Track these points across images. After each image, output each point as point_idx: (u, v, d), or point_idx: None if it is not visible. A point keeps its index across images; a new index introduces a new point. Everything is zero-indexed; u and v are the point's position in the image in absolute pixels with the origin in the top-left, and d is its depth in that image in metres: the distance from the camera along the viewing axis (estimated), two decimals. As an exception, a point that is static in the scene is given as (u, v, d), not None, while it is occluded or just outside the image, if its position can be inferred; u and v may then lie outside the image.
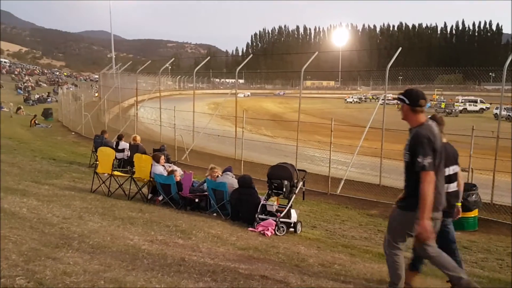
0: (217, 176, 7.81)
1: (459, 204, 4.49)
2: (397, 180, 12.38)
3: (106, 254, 4.17)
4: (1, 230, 4.58)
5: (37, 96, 51.37)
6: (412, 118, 3.64)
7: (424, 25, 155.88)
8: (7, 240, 4.20)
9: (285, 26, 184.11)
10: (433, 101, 53.58)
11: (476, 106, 46.72)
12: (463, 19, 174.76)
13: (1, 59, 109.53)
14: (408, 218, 3.56)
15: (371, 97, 66.75)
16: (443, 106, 45.90)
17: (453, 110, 43.59)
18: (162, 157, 8.89)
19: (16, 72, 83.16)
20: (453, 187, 4.29)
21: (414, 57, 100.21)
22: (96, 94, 39.40)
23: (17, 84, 63.80)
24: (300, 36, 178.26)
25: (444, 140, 4.15)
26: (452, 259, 3.78)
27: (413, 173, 3.53)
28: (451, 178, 4.24)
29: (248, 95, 68.41)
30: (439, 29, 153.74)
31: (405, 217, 3.63)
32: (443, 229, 4.12)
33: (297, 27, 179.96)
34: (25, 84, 65.49)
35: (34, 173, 10.40)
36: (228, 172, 7.88)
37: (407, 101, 3.62)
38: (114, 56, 52.20)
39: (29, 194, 7.10)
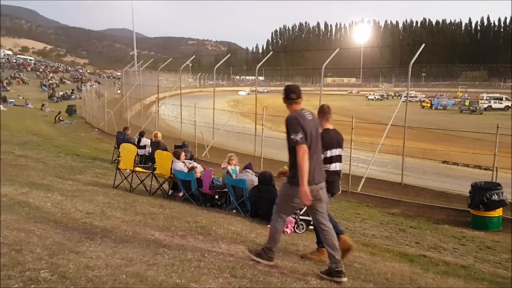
0: (235, 165, 7.96)
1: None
2: (419, 178, 12.22)
3: (127, 249, 4.23)
4: (27, 224, 4.69)
5: (61, 93, 52.46)
6: (288, 108, 4.31)
7: (448, 21, 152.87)
8: (32, 234, 4.30)
9: (305, 22, 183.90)
10: (457, 99, 52.47)
11: (501, 103, 45.47)
12: (488, 15, 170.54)
13: (27, 57, 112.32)
14: (290, 191, 4.11)
15: (393, 94, 65.80)
16: (467, 103, 44.82)
17: (478, 108, 42.52)
18: (183, 153, 8.96)
19: (41, 70, 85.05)
20: (334, 167, 4.89)
21: (437, 54, 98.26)
22: (119, 91, 40.00)
23: (42, 81, 65.23)
24: (321, 33, 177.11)
25: (331, 127, 4.96)
26: (279, 236, 4.36)
27: (291, 150, 4.07)
28: (333, 159, 4.86)
29: (266, 91, 68.00)
30: (463, 25, 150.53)
31: (287, 190, 4.18)
32: None
33: (318, 24, 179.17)
34: (50, 81, 66.92)
35: (58, 168, 10.62)
36: (248, 169, 7.90)
37: (283, 95, 4.29)
38: (136, 54, 52.90)
39: (53, 189, 7.25)
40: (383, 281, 4.28)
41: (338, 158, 4.95)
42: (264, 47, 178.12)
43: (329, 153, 4.81)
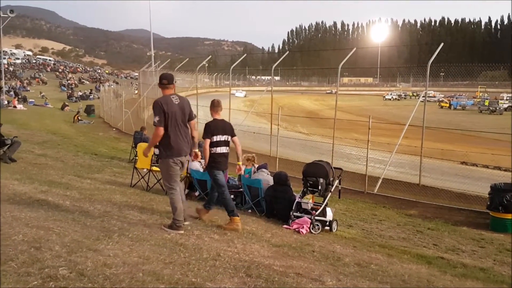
0: (252, 165, 7.95)
1: (240, 163, 6.19)
2: (437, 179, 12.05)
3: (144, 247, 4.27)
4: (46, 222, 4.78)
5: (80, 93, 53.28)
6: (162, 92, 5.24)
7: (467, 20, 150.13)
8: (51, 232, 4.38)
9: (322, 22, 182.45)
10: (476, 99, 51.61)
11: (522, 103, 44.54)
12: (508, 14, 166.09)
13: (47, 57, 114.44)
14: (163, 164, 5.19)
15: (411, 94, 65.02)
16: (486, 103, 44.05)
17: (498, 108, 41.76)
18: (199, 153, 8.98)
19: (60, 70, 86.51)
20: (220, 150, 5.87)
21: (456, 53, 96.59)
22: (136, 92, 40.38)
23: (61, 82, 66.34)
24: (338, 32, 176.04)
25: (219, 117, 6.03)
26: (178, 204, 5.13)
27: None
28: (218, 143, 5.86)
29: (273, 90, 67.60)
30: (483, 24, 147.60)
31: (162, 164, 5.25)
32: (214, 177, 5.90)
33: (335, 23, 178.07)
34: (69, 81, 68.02)
35: (77, 167, 10.79)
36: (264, 169, 7.89)
37: (156, 82, 5.34)
38: (153, 54, 53.26)
39: (72, 188, 7.36)
40: (400, 283, 4.23)
41: (223, 143, 5.92)
42: (280, 47, 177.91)
43: (215, 138, 5.83)
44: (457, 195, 10.66)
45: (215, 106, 6.05)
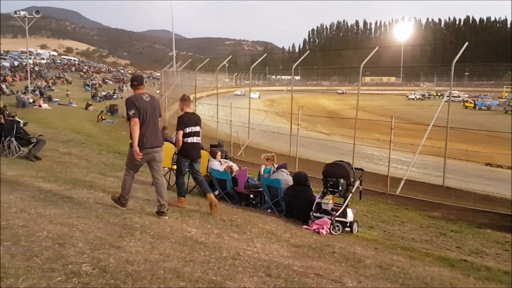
0: (272, 164, 7.95)
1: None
2: (461, 181, 11.80)
3: (165, 245, 4.32)
4: (70, 219, 4.88)
5: (103, 93, 54.17)
6: (134, 92, 5.81)
7: (492, 19, 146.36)
8: (74, 229, 4.46)
9: (344, 21, 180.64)
10: (502, 99, 50.28)
11: (549, 104, 43.09)
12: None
13: (71, 57, 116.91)
14: (130, 152, 5.76)
15: (435, 94, 63.82)
16: (512, 104, 42.78)
17: (524, 108, 40.49)
18: (219, 152, 9.04)
19: (84, 70, 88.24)
20: (191, 140, 6.55)
21: (481, 52, 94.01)
22: (158, 91, 40.83)
23: (85, 81, 67.64)
24: (360, 31, 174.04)
25: (190, 110, 6.78)
26: (128, 186, 5.82)
27: (130, 123, 5.57)
28: (190, 134, 6.53)
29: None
30: (508, 23, 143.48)
31: (129, 152, 5.81)
32: (179, 164, 6.72)
33: (357, 22, 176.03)
34: (93, 81, 69.29)
35: (101, 165, 10.98)
36: (283, 169, 7.88)
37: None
38: (175, 55, 53.83)
39: (96, 186, 7.50)
40: (422, 286, 4.16)
41: (195, 133, 6.58)
42: (301, 46, 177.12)
43: (187, 130, 6.50)
44: (481, 197, 10.42)
45: (186, 100, 6.79)
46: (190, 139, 6.53)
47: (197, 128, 6.61)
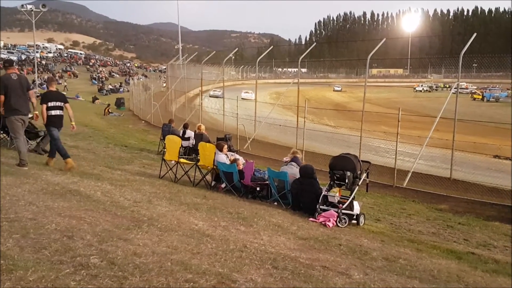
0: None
1: (73, 123, 8.48)
2: (469, 173, 11.72)
3: (173, 237, 4.34)
4: (78, 212, 4.92)
5: (110, 86, 54.36)
6: (6, 71, 7.53)
7: (501, 10, 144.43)
8: (82, 221, 4.50)
9: (350, 12, 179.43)
10: (510, 90, 49.72)
11: (559, 95, 42.61)
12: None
13: (77, 51, 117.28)
14: (9, 121, 7.48)
15: (442, 86, 63.25)
16: (521, 95, 42.36)
17: (534, 100, 40.06)
18: (225, 146, 9.05)
19: (90, 63, 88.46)
20: (54, 112, 7.93)
21: (490, 44, 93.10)
22: (164, 85, 40.89)
23: (92, 75, 67.88)
24: (367, 22, 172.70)
25: (54, 89, 8.21)
26: (23, 148, 7.49)
27: None
28: (52, 108, 7.90)
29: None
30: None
31: (8, 121, 7.56)
32: (50, 132, 8.04)
33: (364, 13, 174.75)
34: (99, 74, 69.50)
35: (108, 159, 11.04)
36: (293, 163, 7.85)
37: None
38: (181, 48, 53.77)
39: (103, 179, 7.54)
40: (429, 278, 4.15)
41: (57, 107, 7.96)
42: (308, 39, 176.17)
43: (50, 104, 7.86)
44: (489, 190, 10.35)
45: (50, 81, 8.47)
46: (53, 112, 7.91)
47: (58, 103, 7.99)
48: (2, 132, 10.13)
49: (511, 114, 10.67)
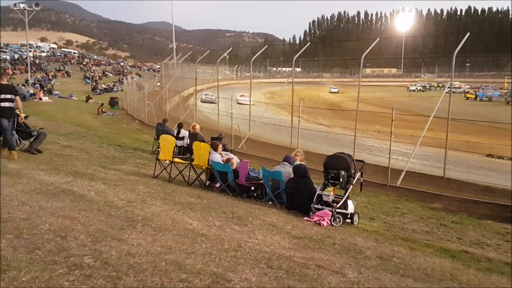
0: (300, 161, 7.98)
1: (22, 115, 9.34)
2: (462, 172, 11.80)
3: (167, 237, 4.34)
4: (71, 212, 4.89)
5: (103, 85, 54.09)
6: None
7: (494, 9, 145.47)
8: (76, 221, 4.48)
9: (344, 12, 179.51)
10: (503, 90, 50.16)
11: (551, 95, 42.96)
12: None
13: (71, 50, 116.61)
14: None
15: (436, 85, 63.61)
16: (514, 95, 42.65)
17: (526, 99, 40.38)
18: (220, 145, 9.04)
19: (84, 63, 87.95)
20: (4, 104, 8.45)
21: (483, 43, 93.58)
22: (158, 84, 40.77)
23: (85, 74, 67.48)
24: (361, 22, 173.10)
25: (5, 83, 8.73)
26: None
27: None
28: (1, 100, 8.43)
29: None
30: (511, 13, 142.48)
31: None
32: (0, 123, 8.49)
33: (358, 13, 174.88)
34: (93, 74, 69.14)
35: (101, 158, 10.99)
36: (285, 162, 7.87)
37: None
38: (175, 47, 53.68)
39: (97, 178, 7.51)
40: (423, 277, 4.18)
41: (6, 100, 8.48)
42: (302, 38, 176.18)
43: (1, 96, 8.38)
44: (483, 188, 10.42)
45: (1, 74, 8.73)
46: (3, 104, 8.46)
47: (8, 96, 8.54)
48: None
49: (511, 114, 10.74)
